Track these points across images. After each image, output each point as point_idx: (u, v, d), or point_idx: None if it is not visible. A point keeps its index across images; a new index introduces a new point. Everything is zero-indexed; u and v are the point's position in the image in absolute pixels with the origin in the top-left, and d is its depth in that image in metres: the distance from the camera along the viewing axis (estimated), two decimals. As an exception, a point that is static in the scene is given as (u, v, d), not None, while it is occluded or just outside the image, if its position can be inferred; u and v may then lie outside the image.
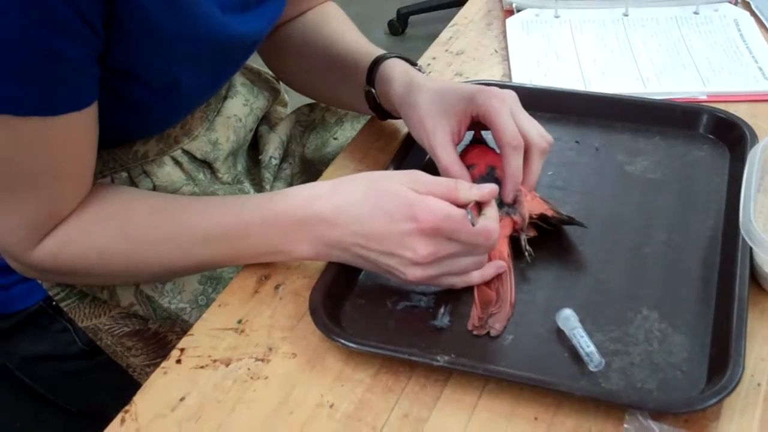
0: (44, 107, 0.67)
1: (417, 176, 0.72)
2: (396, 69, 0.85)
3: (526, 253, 0.75)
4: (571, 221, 0.77)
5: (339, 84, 0.93)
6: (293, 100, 1.09)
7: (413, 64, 0.88)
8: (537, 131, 0.78)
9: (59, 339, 0.89)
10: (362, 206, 0.70)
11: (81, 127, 0.71)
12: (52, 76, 0.66)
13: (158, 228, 0.75)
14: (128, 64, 0.72)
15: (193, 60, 0.77)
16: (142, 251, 0.75)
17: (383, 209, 0.69)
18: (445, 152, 0.79)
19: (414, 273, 0.70)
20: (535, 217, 0.77)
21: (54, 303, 0.87)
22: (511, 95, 0.79)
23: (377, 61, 0.87)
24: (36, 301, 0.87)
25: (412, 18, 3.11)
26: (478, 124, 0.81)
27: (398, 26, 3.10)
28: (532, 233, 0.77)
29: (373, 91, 0.87)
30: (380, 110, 0.89)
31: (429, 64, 1.05)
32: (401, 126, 0.93)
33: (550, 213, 0.77)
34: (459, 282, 0.72)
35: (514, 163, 0.76)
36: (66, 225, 0.74)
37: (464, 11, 1.19)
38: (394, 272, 0.71)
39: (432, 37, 1.14)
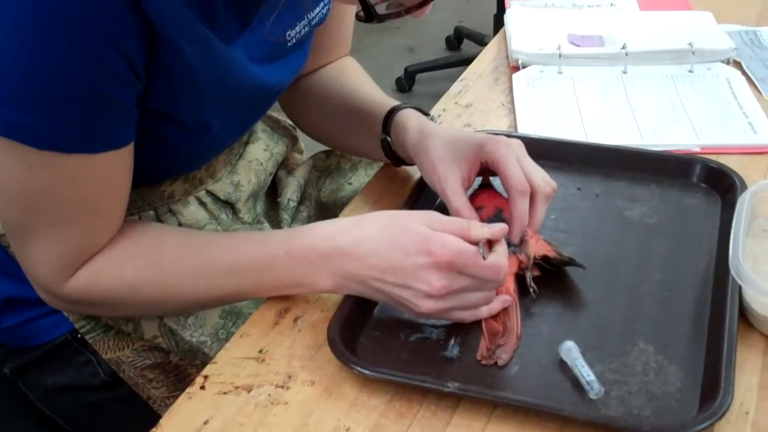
0: (86, 145, 0.72)
1: (432, 215, 0.76)
2: (410, 118, 0.91)
3: (531, 290, 0.80)
4: (571, 262, 0.82)
5: (356, 133, 0.98)
6: (309, 147, 1.15)
7: (426, 114, 0.94)
8: (542, 178, 0.83)
9: (82, 371, 0.92)
10: (380, 241, 0.74)
11: (119, 164, 0.76)
12: (95, 115, 0.71)
13: (186, 260, 0.79)
14: (165, 106, 0.77)
15: (224, 106, 0.82)
16: (170, 283, 0.79)
17: (400, 243, 0.74)
18: (456, 196, 0.84)
19: (427, 305, 0.74)
20: (538, 258, 0.81)
21: (79, 335, 0.90)
22: (518, 144, 0.84)
23: (392, 111, 0.93)
24: (62, 333, 0.91)
25: (419, 76, 3.20)
26: (486, 170, 0.86)
27: (405, 83, 3.18)
28: (536, 273, 0.82)
29: (389, 139, 0.93)
30: (394, 157, 0.95)
31: (440, 115, 1.11)
32: (414, 171, 0.98)
33: (552, 254, 0.82)
34: (468, 316, 0.77)
35: (520, 207, 0.81)
36: (98, 258, 0.79)
37: (473, 67, 1.25)
38: (408, 305, 0.75)
39: (438, 94, 1.19)
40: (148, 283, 0.79)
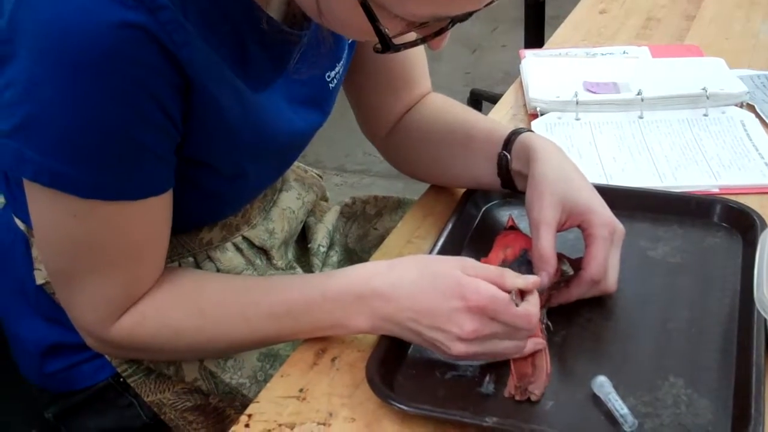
0: (126, 192, 0.75)
1: (466, 261, 0.79)
2: (538, 138, 0.93)
3: (543, 326, 0.82)
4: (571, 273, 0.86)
5: (474, 158, 0.99)
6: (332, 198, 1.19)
7: None
8: (614, 277, 0.85)
9: (124, 414, 0.94)
10: (416, 284, 0.77)
11: (158, 210, 0.79)
12: (135, 164, 0.74)
13: (227, 304, 0.82)
14: (201, 154, 0.80)
15: (259, 152, 0.85)
16: (213, 328, 0.82)
17: (435, 287, 0.76)
18: (548, 233, 0.85)
19: (458, 348, 0.76)
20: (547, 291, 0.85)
21: (121, 379, 0.93)
22: (621, 234, 0.87)
23: (516, 132, 0.95)
24: (104, 377, 0.93)
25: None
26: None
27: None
28: (547, 305, 0.85)
29: (508, 156, 0.94)
30: (506, 176, 0.95)
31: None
32: (439, 218, 1.02)
33: (557, 278, 0.85)
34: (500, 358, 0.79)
35: (577, 291, 0.85)
36: (142, 303, 0.81)
37: (492, 114, 1.28)
38: (441, 347, 0.77)
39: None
40: (191, 327, 0.82)
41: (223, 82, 0.77)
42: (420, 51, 1.05)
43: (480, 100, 3.44)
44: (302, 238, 1.11)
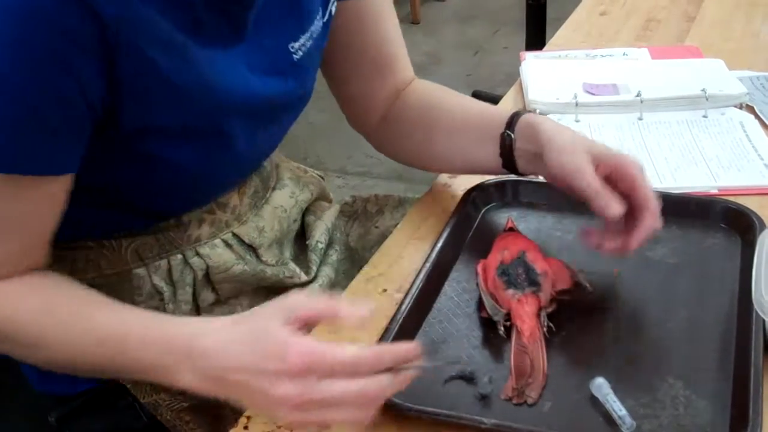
0: (17, 165, 0.72)
1: (296, 303, 0.71)
2: (539, 117, 0.95)
3: (545, 329, 0.82)
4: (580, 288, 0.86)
5: (474, 143, 1.00)
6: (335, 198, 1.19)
7: None
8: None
9: (125, 415, 0.94)
10: (240, 344, 0.70)
11: (46, 194, 0.76)
12: (34, 138, 0.71)
13: (72, 311, 0.78)
14: (151, 119, 0.78)
15: (214, 111, 0.82)
16: (52, 332, 0.77)
17: (258, 349, 0.69)
18: (588, 170, 0.86)
19: (286, 415, 0.69)
20: (555, 294, 0.85)
21: (119, 380, 0.92)
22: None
23: (517, 114, 0.96)
24: (104, 379, 0.92)
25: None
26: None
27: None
28: (550, 309, 0.85)
29: (512, 135, 0.95)
30: (509, 157, 0.96)
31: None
32: (439, 220, 1.02)
33: (569, 285, 0.85)
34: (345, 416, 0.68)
35: (645, 234, 0.85)
36: None
37: (492, 116, 1.29)
38: (267, 411, 0.71)
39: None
40: (28, 322, 0.77)
41: (166, 43, 0.75)
42: (398, 36, 1.06)
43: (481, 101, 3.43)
44: (302, 236, 1.10)
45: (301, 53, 0.91)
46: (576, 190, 0.87)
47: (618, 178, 0.87)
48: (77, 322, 0.77)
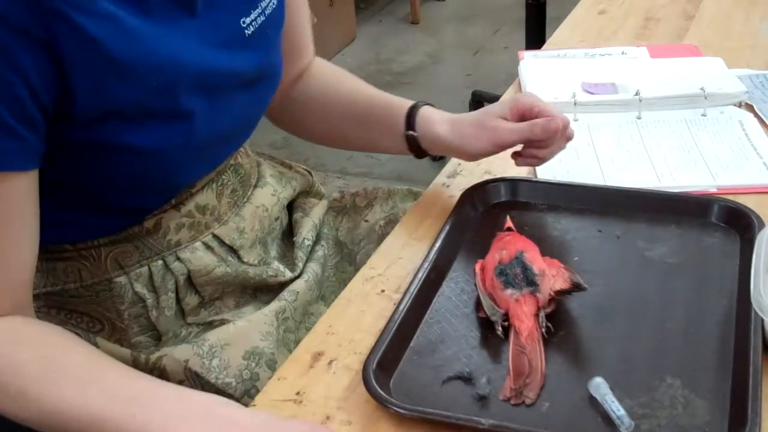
0: None
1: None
2: (433, 112, 1.04)
3: (543, 329, 0.82)
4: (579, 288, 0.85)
5: (374, 131, 1.08)
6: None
7: None
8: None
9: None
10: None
11: (14, 192, 0.75)
12: None
13: (75, 364, 0.76)
14: (104, 100, 0.77)
15: (165, 86, 0.81)
16: (51, 380, 0.75)
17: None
18: (514, 127, 0.99)
19: None
20: (553, 294, 0.84)
21: None
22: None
23: (413, 108, 1.05)
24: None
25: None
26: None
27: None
28: (549, 309, 0.84)
29: (416, 135, 1.04)
30: (418, 150, 1.05)
31: (459, 164, 1.15)
32: (437, 220, 1.02)
33: (567, 286, 0.84)
34: None
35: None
36: None
37: (490, 116, 1.29)
38: None
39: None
40: (30, 371, 0.75)
41: (106, 16, 0.75)
42: (306, 16, 1.09)
43: (481, 101, 3.44)
44: (289, 233, 1.10)
45: (252, 28, 0.91)
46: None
47: (522, 117, 0.98)
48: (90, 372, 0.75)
